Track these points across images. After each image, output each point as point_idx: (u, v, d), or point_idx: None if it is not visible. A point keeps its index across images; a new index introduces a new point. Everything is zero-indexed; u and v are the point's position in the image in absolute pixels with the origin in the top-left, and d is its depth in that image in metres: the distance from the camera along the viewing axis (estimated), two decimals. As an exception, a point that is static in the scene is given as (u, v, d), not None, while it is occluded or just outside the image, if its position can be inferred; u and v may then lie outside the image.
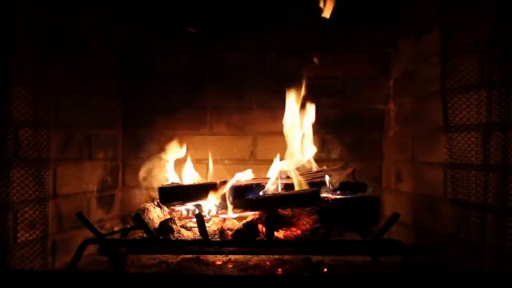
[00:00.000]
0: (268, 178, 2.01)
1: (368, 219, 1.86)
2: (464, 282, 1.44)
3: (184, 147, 2.34)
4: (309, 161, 2.20)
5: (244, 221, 1.87)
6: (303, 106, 2.23)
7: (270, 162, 2.18)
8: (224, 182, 1.96)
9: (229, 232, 1.85)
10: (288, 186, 1.99)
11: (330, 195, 1.99)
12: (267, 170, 2.17)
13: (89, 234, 1.79)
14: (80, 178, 2.03)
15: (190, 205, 2.01)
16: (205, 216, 1.89)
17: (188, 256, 1.89)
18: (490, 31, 1.56)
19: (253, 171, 2.22)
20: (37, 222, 1.65)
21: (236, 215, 1.98)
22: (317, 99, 2.36)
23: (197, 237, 1.82)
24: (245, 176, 2.04)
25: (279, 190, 1.97)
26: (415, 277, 1.56)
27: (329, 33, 2.34)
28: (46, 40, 1.73)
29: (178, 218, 1.98)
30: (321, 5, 2.12)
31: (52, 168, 1.76)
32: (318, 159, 2.32)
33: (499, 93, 1.49)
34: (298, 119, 2.23)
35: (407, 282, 1.48)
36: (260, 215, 1.90)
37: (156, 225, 1.87)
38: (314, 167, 2.18)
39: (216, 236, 1.84)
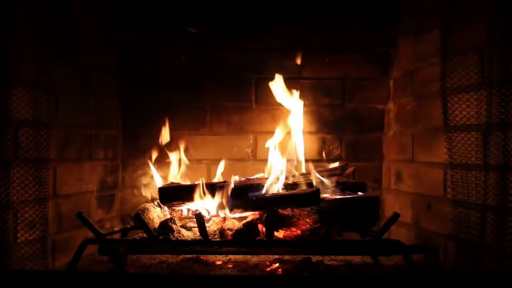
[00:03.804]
0: (268, 178, 2.01)
1: (368, 219, 1.86)
2: (464, 282, 1.44)
3: (184, 147, 2.34)
4: (309, 161, 2.20)
5: (244, 221, 1.87)
6: (303, 106, 2.23)
7: (270, 162, 2.19)
8: (224, 182, 1.96)
9: (229, 232, 1.85)
10: (288, 186, 1.99)
11: (330, 195, 1.99)
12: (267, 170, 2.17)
13: (89, 234, 1.79)
14: (80, 178, 2.03)
15: (190, 205, 2.00)
16: (204, 216, 1.89)
17: (188, 256, 1.89)
18: (490, 31, 1.56)
19: (253, 171, 2.23)
20: (37, 222, 1.65)
21: (235, 215, 1.98)
22: (317, 99, 2.37)
23: (197, 237, 1.81)
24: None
25: (280, 190, 1.97)
26: (415, 277, 1.56)
27: (329, 33, 2.34)
28: (46, 40, 1.73)
29: (178, 218, 1.98)
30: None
31: (52, 168, 1.76)
32: (318, 159, 2.33)
33: (499, 93, 1.49)
34: (298, 119, 2.23)
35: (407, 282, 1.48)
36: (260, 215, 1.90)
37: (156, 225, 1.87)
38: (314, 167, 2.18)
39: (216, 236, 1.84)
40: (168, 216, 1.94)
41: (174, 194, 1.98)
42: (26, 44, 1.64)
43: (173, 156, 2.29)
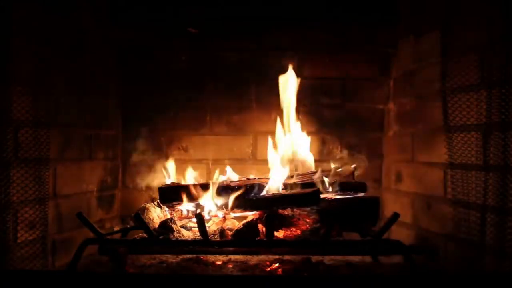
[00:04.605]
0: (268, 178, 2.01)
1: (368, 219, 1.86)
2: (464, 282, 1.44)
3: (184, 147, 2.34)
4: (309, 161, 2.20)
5: (244, 221, 1.87)
6: (303, 106, 2.23)
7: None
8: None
9: (229, 232, 1.85)
10: (288, 186, 1.99)
11: (330, 195, 1.99)
12: (267, 170, 2.17)
13: (89, 234, 1.79)
14: (80, 178, 2.03)
15: (190, 205, 2.00)
16: (204, 216, 1.89)
17: (188, 256, 1.89)
18: (490, 31, 1.56)
19: (253, 171, 2.23)
20: (37, 222, 1.65)
21: (236, 215, 1.98)
22: (317, 99, 2.37)
23: (197, 237, 1.81)
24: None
25: (280, 190, 1.97)
26: (415, 277, 1.56)
27: (329, 33, 2.34)
28: (46, 40, 1.73)
29: (178, 218, 1.98)
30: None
31: (52, 168, 1.76)
32: (318, 159, 2.33)
33: (499, 93, 1.49)
34: (298, 119, 2.23)
35: (407, 282, 1.48)
36: (260, 215, 1.90)
37: (156, 225, 1.87)
38: (314, 167, 2.18)
39: (216, 236, 1.84)
40: (168, 216, 1.94)
41: (174, 194, 1.98)
42: (26, 44, 1.64)
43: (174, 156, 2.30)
